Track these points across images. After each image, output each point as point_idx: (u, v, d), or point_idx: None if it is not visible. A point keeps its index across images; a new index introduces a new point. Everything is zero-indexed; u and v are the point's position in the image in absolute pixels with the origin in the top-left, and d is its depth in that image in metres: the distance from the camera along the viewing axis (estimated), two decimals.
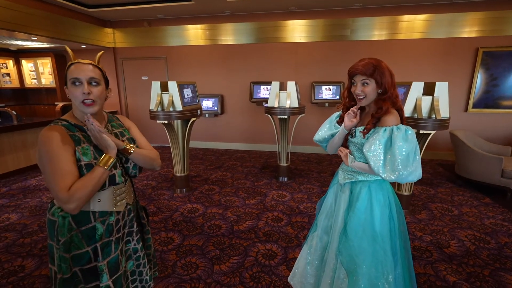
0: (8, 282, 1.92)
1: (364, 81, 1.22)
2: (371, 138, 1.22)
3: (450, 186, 3.74)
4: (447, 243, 2.40)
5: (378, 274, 1.27)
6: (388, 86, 1.22)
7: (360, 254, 1.28)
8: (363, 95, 1.24)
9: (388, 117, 1.21)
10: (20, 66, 6.01)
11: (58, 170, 0.91)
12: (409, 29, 4.63)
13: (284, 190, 3.57)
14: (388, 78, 1.22)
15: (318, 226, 1.56)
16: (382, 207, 1.29)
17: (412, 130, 1.19)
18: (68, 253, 0.99)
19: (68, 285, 1.00)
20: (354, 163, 1.31)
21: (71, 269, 1.00)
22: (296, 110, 3.58)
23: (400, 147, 1.14)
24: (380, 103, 1.23)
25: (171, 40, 5.50)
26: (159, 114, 3.05)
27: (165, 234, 2.54)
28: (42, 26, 4.28)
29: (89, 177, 0.95)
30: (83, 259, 1.01)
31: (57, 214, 1.00)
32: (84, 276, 1.03)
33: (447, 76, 4.66)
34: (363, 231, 1.29)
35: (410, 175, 1.15)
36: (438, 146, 5.02)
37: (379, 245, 1.27)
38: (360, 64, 1.22)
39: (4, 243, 2.39)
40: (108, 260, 1.04)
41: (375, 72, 1.20)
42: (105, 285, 1.03)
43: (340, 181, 1.42)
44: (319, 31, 4.94)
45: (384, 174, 1.17)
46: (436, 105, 2.49)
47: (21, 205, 3.13)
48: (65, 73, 1.01)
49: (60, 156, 0.92)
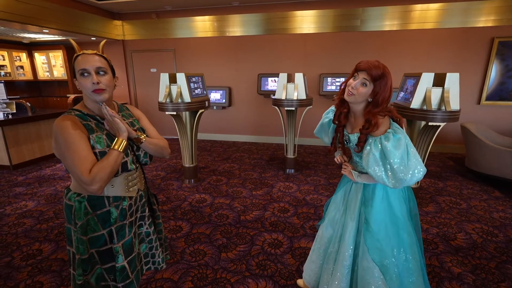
0: (28, 264, 2.03)
1: (364, 81, 1.17)
2: (366, 153, 1.21)
3: (459, 179, 3.69)
4: (453, 235, 2.40)
5: (407, 256, 1.32)
6: (381, 100, 1.17)
7: (388, 244, 1.31)
8: (355, 92, 1.19)
9: (377, 128, 1.19)
10: (33, 59, 6.14)
11: (77, 155, 0.95)
12: (421, 18, 4.51)
13: (290, 182, 3.60)
14: (386, 93, 1.17)
15: (325, 217, 1.58)
16: (397, 192, 1.32)
17: (400, 131, 1.17)
18: (85, 236, 1.05)
19: (86, 265, 1.06)
20: (360, 178, 1.33)
21: (88, 251, 1.06)
22: (304, 102, 3.57)
23: (394, 156, 1.13)
24: (370, 116, 1.19)
25: (179, 32, 5.50)
26: (167, 105, 3.09)
27: (174, 223, 2.61)
28: (54, 19, 4.36)
29: (106, 160, 0.99)
30: (99, 241, 1.07)
31: (74, 199, 1.05)
32: (101, 257, 1.09)
33: (459, 67, 4.54)
34: (385, 220, 1.31)
35: (414, 175, 1.13)
36: (449, 139, 4.93)
37: (402, 229, 1.31)
38: (372, 63, 1.15)
39: (23, 228, 2.52)
40: (123, 242, 1.10)
41: (379, 80, 1.15)
42: (121, 265, 1.09)
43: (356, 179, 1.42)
44: (328, 21, 4.85)
45: (390, 183, 1.17)
46: (446, 97, 2.44)
47: (37, 193, 3.27)
48: (72, 65, 1.04)
49: (77, 143, 0.96)
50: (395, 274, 1.31)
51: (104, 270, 1.10)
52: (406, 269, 1.33)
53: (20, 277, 1.90)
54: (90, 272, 1.09)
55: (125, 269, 1.10)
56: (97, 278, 1.10)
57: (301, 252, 2.17)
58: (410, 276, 1.33)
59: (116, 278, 1.10)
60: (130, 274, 1.12)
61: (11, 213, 2.78)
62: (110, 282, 1.11)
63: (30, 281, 1.87)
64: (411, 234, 1.33)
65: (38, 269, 1.98)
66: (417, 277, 1.34)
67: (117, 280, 1.10)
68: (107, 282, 1.12)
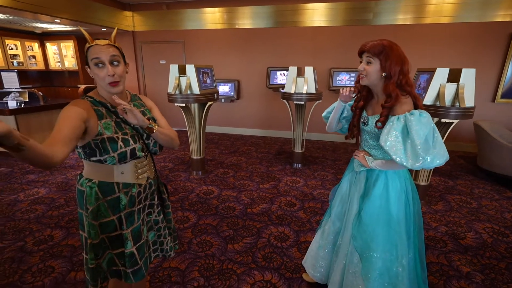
0: (40, 249, 2.09)
1: (368, 59, 1.20)
2: (386, 129, 1.17)
3: (470, 178, 3.62)
4: (463, 234, 2.36)
5: (393, 258, 1.29)
6: (393, 71, 1.16)
7: (374, 239, 1.29)
8: (364, 74, 1.22)
9: (399, 105, 1.17)
10: (45, 49, 6.21)
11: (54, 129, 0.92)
12: (436, 12, 4.37)
13: (298, 176, 3.59)
14: (395, 62, 1.15)
15: (331, 211, 1.57)
16: (398, 192, 1.28)
17: (426, 113, 1.14)
18: (96, 221, 1.07)
19: (97, 249, 1.09)
20: (374, 163, 1.28)
21: (99, 236, 1.09)
22: (313, 96, 3.53)
23: (417, 130, 1.09)
24: (388, 89, 1.17)
25: (189, 23, 5.48)
26: (177, 97, 3.10)
27: (182, 213, 2.64)
28: (65, 8, 4.38)
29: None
30: (109, 226, 1.09)
31: (85, 184, 1.07)
32: (111, 243, 1.11)
33: (474, 63, 4.40)
34: (378, 216, 1.29)
35: (435, 158, 1.09)
36: (461, 137, 4.83)
37: (393, 230, 1.28)
38: (369, 42, 1.20)
39: (35, 215, 2.58)
40: (132, 229, 1.12)
41: (381, 53, 1.16)
42: (130, 251, 1.11)
43: (356, 168, 1.41)
44: (340, 14, 4.76)
45: (408, 163, 1.10)
46: (461, 93, 2.38)
47: (49, 180, 3.34)
48: (85, 54, 1.05)
49: (62, 121, 0.93)
50: (378, 270, 1.29)
51: (114, 255, 1.12)
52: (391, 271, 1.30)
53: (32, 261, 1.96)
54: (101, 257, 1.11)
55: (134, 255, 1.12)
56: (108, 262, 1.13)
57: (307, 246, 2.17)
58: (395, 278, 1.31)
59: (125, 263, 1.12)
60: (139, 260, 1.14)
61: (24, 200, 2.86)
62: (121, 267, 1.14)
63: (42, 265, 1.92)
64: (403, 238, 1.28)
65: (50, 254, 2.04)
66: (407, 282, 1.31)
67: (126, 265, 1.12)
68: (118, 266, 1.14)
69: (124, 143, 1.06)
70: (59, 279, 1.80)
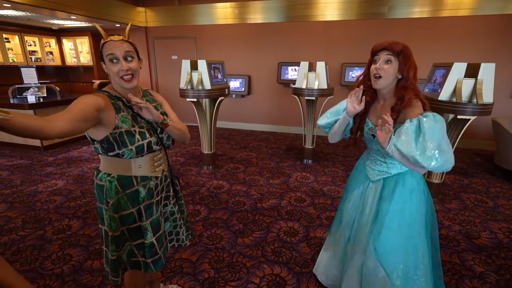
0: (58, 238, 2.19)
1: (388, 58, 1.13)
2: (398, 130, 1.13)
3: (487, 177, 3.52)
4: (477, 234, 2.31)
5: (416, 259, 1.26)
6: (410, 73, 1.12)
7: (397, 243, 1.26)
8: (381, 73, 1.14)
9: (411, 109, 1.13)
10: (61, 45, 6.38)
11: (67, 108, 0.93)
12: (455, 5, 4.22)
13: (308, 172, 3.58)
14: (412, 66, 1.13)
15: (342, 219, 1.52)
16: (418, 193, 1.25)
17: (440, 116, 1.11)
18: (116, 214, 1.11)
19: (118, 241, 1.14)
20: (393, 148, 1.10)
21: (120, 228, 1.13)
22: (325, 92, 3.50)
23: (431, 128, 1.06)
24: (402, 92, 1.13)
25: (201, 19, 5.50)
26: (188, 92, 3.13)
27: (193, 207, 2.69)
28: (81, 5, 4.48)
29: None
30: (129, 219, 1.14)
31: (104, 179, 1.11)
32: (131, 234, 1.16)
33: (494, 58, 4.23)
34: (401, 221, 1.25)
35: (445, 163, 1.06)
36: (478, 134, 4.67)
37: (416, 231, 1.25)
38: (389, 40, 1.15)
39: (54, 205, 2.69)
40: (151, 220, 1.17)
41: (402, 53, 1.11)
42: (150, 242, 1.16)
43: (372, 177, 1.35)
44: (353, 8, 4.66)
45: (420, 159, 1.05)
46: (479, 89, 2.30)
47: (66, 173, 3.46)
48: (100, 50, 1.08)
49: (77, 104, 0.95)
50: (399, 280, 1.25)
51: (134, 247, 1.17)
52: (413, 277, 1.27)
53: (52, 249, 2.05)
54: (122, 248, 1.16)
55: (154, 245, 1.17)
56: (128, 254, 1.18)
57: (316, 241, 2.18)
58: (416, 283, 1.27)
59: (145, 254, 1.17)
60: (158, 250, 1.19)
61: (43, 191, 2.98)
62: (140, 258, 1.19)
63: (61, 253, 2.01)
64: (422, 236, 1.26)
65: (68, 243, 2.13)
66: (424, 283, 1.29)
67: (146, 256, 1.17)
68: (137, 257, 1.19)
69: (141, 136, 1.09)
70: (77, 267, 1.88)
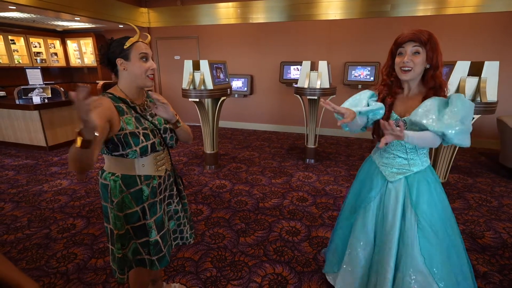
0: (63, 237, 2.22)
1: (416, 49, 1.10)
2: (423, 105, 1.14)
3: (491, 176, 3.48)
4: (481, 233, 2.29)
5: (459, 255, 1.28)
6: (440, 61, 1.10)
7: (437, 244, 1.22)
8: (411, 66, 1.11)
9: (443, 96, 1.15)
10: (66, 46, 6.45)
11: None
12: (460, 2, 4.17)
13: (310, 172, 3.58)
14: (440, 53, 1.11)
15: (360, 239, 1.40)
16: (439, 186, 1.26)
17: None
18: (121, 212, 1.13)
19: (123, 240, 1.16)
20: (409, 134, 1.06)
21: (125, 226, 1.15)
22: (327, 91, 3.49)
23: (456, 100, 1.08)
24: (432, 82, 1.12)
25: (203, 19, 5.51)
26: (190, 92, 3.15)
27: (195, 206, 2.71)
28: (85, 7, 4.52)
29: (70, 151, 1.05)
30: (133, 217, 1.15)
31: (109, 178, 1.13)
32: (135, 233, 1.18)
33: (499, 56, 4.18)
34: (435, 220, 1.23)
35: (460, 133, 1.06)
36: (483, 133, 4.63)
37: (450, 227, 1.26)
38: (413, 30, 1.10)
39: (59, 204, 2.73)
40: (155, 218, 1.19)
41: (428, 42, 1.09)
42: (154, 240, 1.18)
43: (390, 178, 1.28)
44: (356, 7, 4.64)
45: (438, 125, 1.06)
46: (482, 87, 2.28)
47: (70, 173, 3.50)
48: (126, 47, 1.07)
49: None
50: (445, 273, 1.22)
51: (139, 245, 1.19)
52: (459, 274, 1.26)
53: (57, 248, 2.08)
54: (127, 247, 1.18)
55: (158, 243, 1.19)
56: (133, 252, 1.20)
57: (318, 241, 2.19)
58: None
59: (150, 252, 1.19)
60: (163, 248, 1.21)
61: (48, 190, 3.02)
62: (145, 255, 1.21)
63: (66, 252, 2.04)
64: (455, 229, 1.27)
65: (72, 242, 2.16)
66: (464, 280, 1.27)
67: (151, 253, 1.19)
68: (142, 255, 1.21)
69: (145, 138, 1.11)
70: (81, 265, 1.90)
